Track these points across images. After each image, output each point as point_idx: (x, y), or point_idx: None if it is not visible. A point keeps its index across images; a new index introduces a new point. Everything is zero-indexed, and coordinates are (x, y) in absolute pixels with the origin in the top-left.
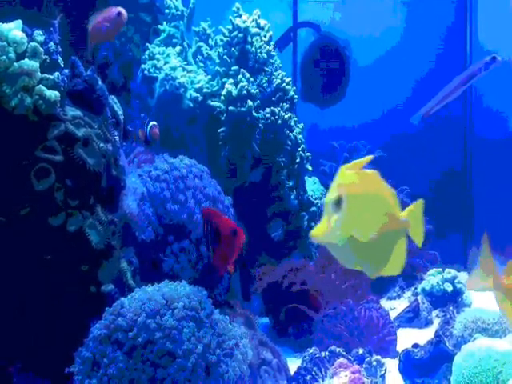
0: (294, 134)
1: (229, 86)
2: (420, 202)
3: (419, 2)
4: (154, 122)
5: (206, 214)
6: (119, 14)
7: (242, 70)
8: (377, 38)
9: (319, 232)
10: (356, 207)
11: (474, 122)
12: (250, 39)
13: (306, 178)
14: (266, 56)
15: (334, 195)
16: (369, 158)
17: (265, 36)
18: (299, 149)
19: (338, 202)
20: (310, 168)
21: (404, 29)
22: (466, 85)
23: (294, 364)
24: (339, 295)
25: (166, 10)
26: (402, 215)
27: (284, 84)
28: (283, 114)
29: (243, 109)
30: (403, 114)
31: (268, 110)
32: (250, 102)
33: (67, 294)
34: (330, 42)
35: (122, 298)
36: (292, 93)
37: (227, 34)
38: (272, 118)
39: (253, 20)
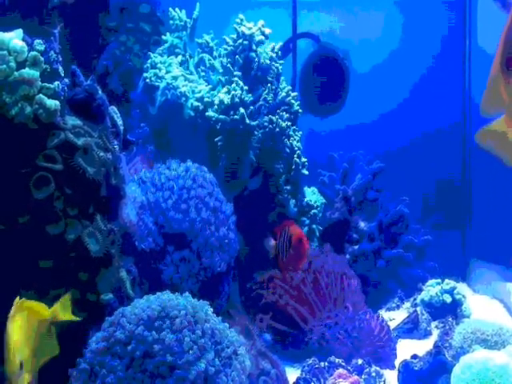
0: (291, 141)
1: (221, 94)
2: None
3: (418, 6)
4: None
5: (284, 225)
6: None
7: (236, 78)
8: (375, 45)
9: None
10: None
11: (472, 131)
12: (254, 47)
13: (305, 188)
14: (269, 63)
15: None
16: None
17: (269, 45)
18: (295, 155)
19: None
20: (306, 172)
21: (402, 34)
22: None
23: (293, 374)
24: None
25: (170, 21)
26: (47, 314)
27: (289, 98)
28: (281, 122)
29: (236, 117)
30: (402, 119)
31: (266, 118)
32: (241, 110)
33: None
34: (329, 52)
35: (121, 308)
36: (296, 107)
37: (231, 42)
38: (270, 125)
39: (258, 28)
